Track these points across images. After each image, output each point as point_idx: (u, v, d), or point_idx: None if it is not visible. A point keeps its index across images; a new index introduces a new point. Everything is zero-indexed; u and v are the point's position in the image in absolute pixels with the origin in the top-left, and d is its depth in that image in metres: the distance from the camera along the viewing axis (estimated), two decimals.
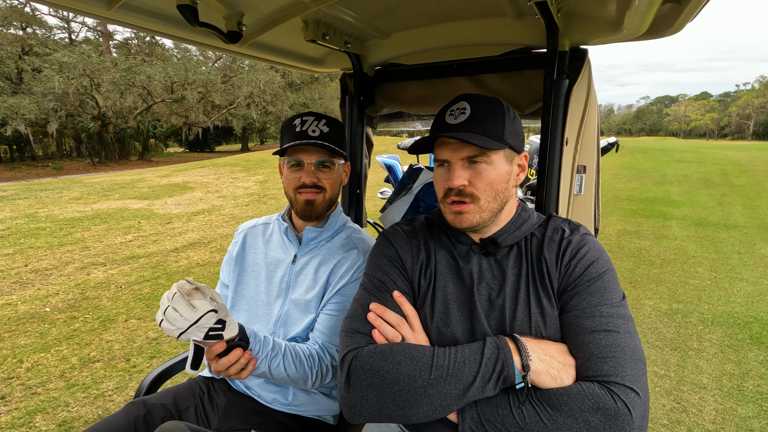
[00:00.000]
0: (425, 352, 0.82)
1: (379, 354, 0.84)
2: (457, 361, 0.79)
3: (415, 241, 1.01)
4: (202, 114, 24.43)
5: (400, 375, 0.80)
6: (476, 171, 0.90)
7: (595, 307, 0.83)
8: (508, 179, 0.93)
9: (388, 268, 0.98)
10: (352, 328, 0.92)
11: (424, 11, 1.37)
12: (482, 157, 0.89)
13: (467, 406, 0.79)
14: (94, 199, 9.25)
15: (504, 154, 0.92)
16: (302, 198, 1.22)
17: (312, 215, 1.24)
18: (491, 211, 0.92)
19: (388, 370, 0.81)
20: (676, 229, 6.85)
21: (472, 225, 0.92)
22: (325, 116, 1.24)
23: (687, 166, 15.75)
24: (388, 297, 0.95)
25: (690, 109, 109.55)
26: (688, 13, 1.03)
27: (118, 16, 1.08)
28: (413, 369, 0.80)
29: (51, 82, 18.30)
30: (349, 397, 0.84)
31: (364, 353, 0.85)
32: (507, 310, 0.88)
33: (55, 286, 4.35)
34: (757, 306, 3.88)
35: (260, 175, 12.91)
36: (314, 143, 1.17)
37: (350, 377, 0.84)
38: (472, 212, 0.91)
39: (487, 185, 0.90)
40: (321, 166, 1.22)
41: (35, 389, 2.61)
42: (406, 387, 0.79)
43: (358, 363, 0.84)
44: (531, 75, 1.40)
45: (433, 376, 0.78)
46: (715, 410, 2.42)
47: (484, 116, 0.90)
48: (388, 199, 2.31)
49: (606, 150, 3.91)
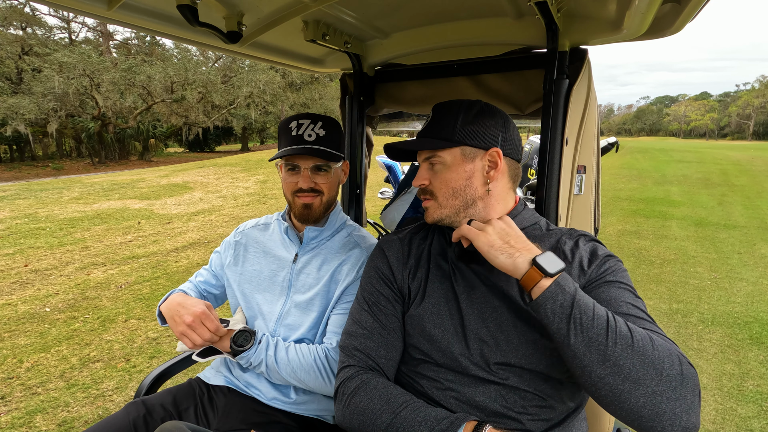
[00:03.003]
0: (397, 402, 0.86)
1: (361, 387, 0.90)
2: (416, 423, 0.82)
3: (406, 248, 1.06)
4: (202, 114, 24.43)
5: (377, 420, 0.85)
6: (434, 171, 0.98)
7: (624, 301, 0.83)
8: (469, 176, 0.94)
9: (377, 283, 1.04)
10: (344, 344, 1.00)
11: (424, 11, 1.37)
12: (435, 158, 0.97)
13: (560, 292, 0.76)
14: (94, 199, 9.25)
15: (460, 152, 0.95)
16: (300, 202, 1.22)
17: (310, 218, 1.25)
18: (453, 208, 0.96)
19: (368, 411, 0.87)
20: (676, 229, 6.85)
21: (435, 220, 0.99)
22: (322, 117, 1.23)
23: (687, 166, 15.75)
24: (377, 309, 1.00)
25: (690, 109, 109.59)
26: (688, 13, 1.03)
27: (118, 16, 1.08)
28: (381, 412, 0.85)
29: (51, 82, 18.30)
30: (338, 414, 0.93)
31: (354, 386, 0.91)
32: (496, 312, 0.90)
33: (55, 286, 4.35)
34: (757, 306, 3.88)
35: (260, 175, 12.91)
36: (309, 149, 1.17)
37: (339, 395, 0.93)
38: (432, 208, 0.99)
39: (442, 183, 0.96)
40: (317, 171, 1.22)
41: (35, 389, 2.61)
42: (379, 425, 0.85)
43: (348, 386, 0.92)
44: (531, 75, 1.40)
45: (395, 424, 0.83)
46: (715, 410, 2.42)
47: (439, 120, 0.98)
48: (390, 199, 2.31)
49: (606, 150, 3.91)
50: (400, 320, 1.00)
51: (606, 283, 0.85)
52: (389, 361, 0.97)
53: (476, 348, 0.89)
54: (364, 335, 0.98)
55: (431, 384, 0.93)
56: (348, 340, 0.99)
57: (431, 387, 0.93)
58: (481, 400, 0.87)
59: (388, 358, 0.97)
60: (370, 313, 1.00)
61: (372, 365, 0.95)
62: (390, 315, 0.99)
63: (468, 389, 0.88)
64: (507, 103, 1.48)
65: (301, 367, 1.13)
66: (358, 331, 0.99)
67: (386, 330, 0.98)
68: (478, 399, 0.87)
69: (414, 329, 0.96)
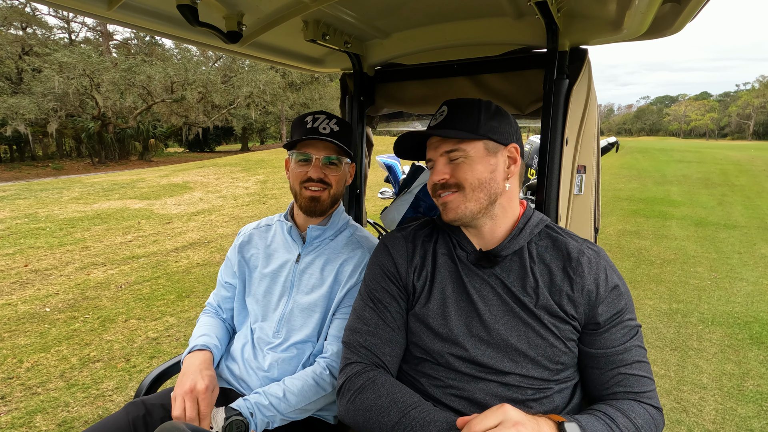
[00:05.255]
0: (405, 399, 0.86)
1: (369, 384, 0.90)
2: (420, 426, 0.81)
3: (411, 245, 1.04)
4: (202, 114, 24.43)
5: (382, 419, 0.85)
6: (456, 164, 0.94)
7: None
8: (493, 170, 0.94)
9: (381, 279, 1.02)
10: (348, 340, 0.99)
11: (424, 11, 1.37)
12: (459, 152, 0.93)
13: (567, 417, 0.80)
14: (94, 199, 9.25)
15: (483, 145, 0.94)
16: (307, 194, 1.23)
17: (316, 210, 1.24)
18: (478, 202, 0.93)
19: (371, 410, 0.87)
20: (676, 229, 6.85)
21: (457, 217, 0.94)
22: (337, 117, 1.26)
23: (687, 166, 15.75)
24: (382, 306, 0.99)
25: (690, 109, 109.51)
26: (688, 13, 1.03)
27: (118, 16, 1.08)
28: (388, 411, 0.85)
29: (51, 82, 18.30)
30: (342, 412, 0.91)
31: (359, 384, 0.91)
32: (504, 315, 0.90)
33: (55, 286, 4.35)
34: (757, 306, 3.88)
35: (260, 175, 12.91)
36: (324, 138, 1.19)
37: (343, 391, 0.93)
38: (455, 201, 0.94)
39: (468, 174, 0.93)
40: (329, 163, 1.23)
41: (35, 389, 2.61)
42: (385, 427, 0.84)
43: (354, 382, 0.92)
44: (531, 75, 1.40)
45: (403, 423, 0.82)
46: (715, 410, 2.42)
47: (459, 114, 0.96)
48: (391, 199, 2.31)
49: (606, 150, 3.91)
50: (404, 318, 1.00)
51: (622, 327, 0.91)
52: (393, 358, 0.97)
53: (479, 349, 0.90)
54: (369, 332, 0.97)
55: (431, 382, 0.93)
56: (352, 337, 0.99)
57: (431, 385, 0.93)
58: (481, 397, 0.87)
59: (392, 356, 0.97)
60: (375, 310, 0.99)
61: (377, 362, 0.95)
62: (395, 312, 0.99)
63: (468, 386, 0.89)
64: (507, 103, 1.48)
65: (305, 397, 1.12)
66: (363, 328, 0.98)
67: (390, 327, 0.98)
68: (477, 396, 0.88)
69: (418, 328, 0.96)
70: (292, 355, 1.21)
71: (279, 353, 1.22)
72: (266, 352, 1.23)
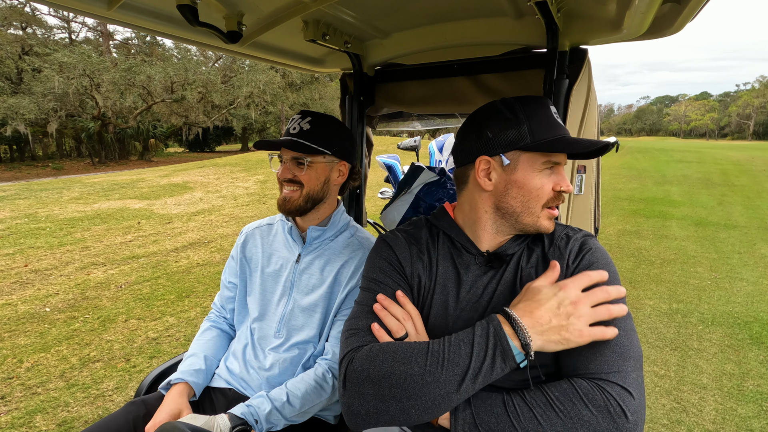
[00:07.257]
0: (420, 345, 0.81)
1: (376, 352, 0.82)
2: (452, 345, 0.78)
3: (415, 247, 1.00)
4: (202, 114, 24.43)
5: (395, 369, 0.78)
6: None
7: None
8: None
9: (388, 270, 0.97)
10: (351, 328, 0.91)
11: (424, 11, 1.37)
12: None
13: (461, 407, 0.78)
14: (94, 199, 9.25)
15: None
16: (282, 193, 1.25)
17: (289, 210, 1.23)
18: None
19: (383, 367, 0.79)
20: (676, 229, 6.85)
21: None
22: (314, 114, 1.23)
23: (687, 166, 15.75)
24: (389, 289, 0.94)
25: (690, 109, 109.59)
26: (688, 13, 1.03)
27: (118, 16, 1.08)
28: (409, 360, 0.78)
29: (51, 82, 18.30)
30: (347, 397, 0.82)
31: (362, 353, 0.84)
32: None
33: (55, 286, 4.35)
34: (757, 306, 3.88)
35: (260, 175, 12.91)
36: (284, 141, 1.20)
37: (347, 379, 0.83)
38: None
39: None
40: (296, 163, 1.22)
41: (35, 389, 2.61)
42: (403, 379, 0.77)
43: (356, 363, 0.83)
44: (531, 75, 1.40)
45: (429, 363, 0.77)
46: (715, 410, 2.42)
47: None
48: (390, 199, 2.31)
49: None
50: None
51: None
52: None
53: None
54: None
55: None
56: (351, 324, 0.93)
57: None
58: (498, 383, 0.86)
59: None
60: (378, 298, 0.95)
61: None
62: None
63: None
64: None
65: (308, 400, 1.12)
66: (362, 314, 0.93)
67: None
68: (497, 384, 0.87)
69: None
70: (293, 355, 1.21)
71: (281, 353, 1.22)
72: (267, 352, 1.23)
